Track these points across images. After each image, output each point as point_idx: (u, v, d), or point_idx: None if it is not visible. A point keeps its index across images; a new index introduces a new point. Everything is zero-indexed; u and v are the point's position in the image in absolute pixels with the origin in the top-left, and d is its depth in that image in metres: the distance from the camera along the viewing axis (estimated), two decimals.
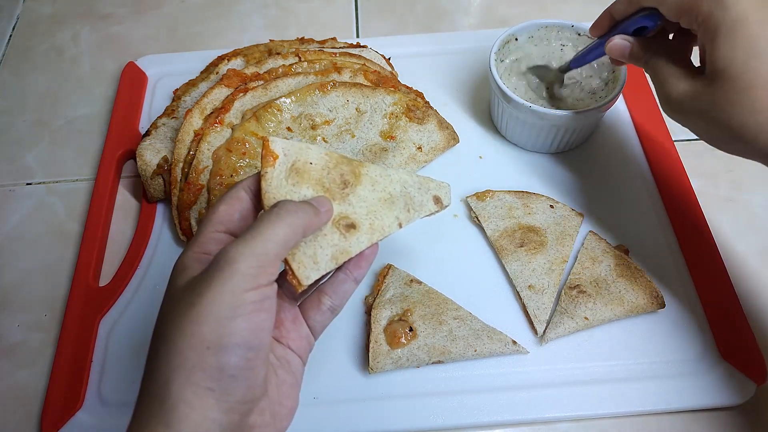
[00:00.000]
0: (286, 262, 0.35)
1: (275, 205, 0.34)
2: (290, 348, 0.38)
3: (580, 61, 0.58)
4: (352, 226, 0.39)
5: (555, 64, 0.64)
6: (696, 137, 0.46)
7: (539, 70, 0.63)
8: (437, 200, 0.44)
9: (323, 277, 0.38)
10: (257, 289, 0.31)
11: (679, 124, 0.46)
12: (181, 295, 0.32)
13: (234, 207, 0.36)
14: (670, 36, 0.48)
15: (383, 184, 0.42)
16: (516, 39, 0.65)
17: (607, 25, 0.51)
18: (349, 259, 0.38)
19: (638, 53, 0.47)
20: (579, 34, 0.64)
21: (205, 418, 0.30)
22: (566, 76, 0.62)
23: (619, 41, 0.48)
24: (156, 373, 0.31)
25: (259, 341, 0.31)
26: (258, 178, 0.37)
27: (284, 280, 0.37)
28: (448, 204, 0.44)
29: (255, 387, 0.32)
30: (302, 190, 0.38)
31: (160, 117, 0.67)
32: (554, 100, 0.62)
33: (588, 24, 0.64)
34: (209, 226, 0.35)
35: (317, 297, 0.41)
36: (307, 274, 0.35)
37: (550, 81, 0.63)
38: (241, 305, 0.31)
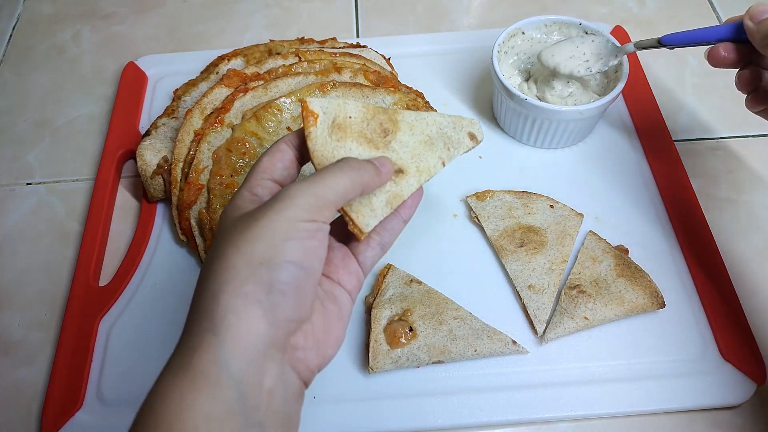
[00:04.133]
0: (345, 213, 0.37)
1: (340, 160, 0.37)
2: (340, 284, 0.39)
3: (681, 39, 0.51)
4: (400, 171, 0.40)
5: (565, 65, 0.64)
6: (696, 137, 0.46)
7: (542, 66, 0.63)
8: (472, 136, 0.45)
9: None
10: (313, 222, 0.33)
11: None
12: (236, 223, 0.34)
13: (276, 158, 0.38)
14: None
15: (420, 127, 0.43)
16: (523, 33, 0.65)
17: None
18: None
19: None
20: (586, 32, 0.64)
21: (251, 328, 0.31)
22: (565, 75, 0.62)
23: None
24: (207, 287, 0.32)
25: (309, 264, 0.33)
26: (301, 134, 0.39)
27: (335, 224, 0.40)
28: (482, 139, 0.45)
29: (301, 307, 0.33)
30: (347, 143, 0.39)
31: (160, 117, 0.67)
32: (554, 97, 0.62)
33: (591, 23, 0.64)
34: (256, 174, 0.37)
35: (367, 236, 0.42)
36: (366, 222, 0.38)
37: (550, 77, 0.63)
38: (295, 230, 0.32)
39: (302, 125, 0.38)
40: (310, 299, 0.34)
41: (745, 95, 0.48)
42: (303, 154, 0.39)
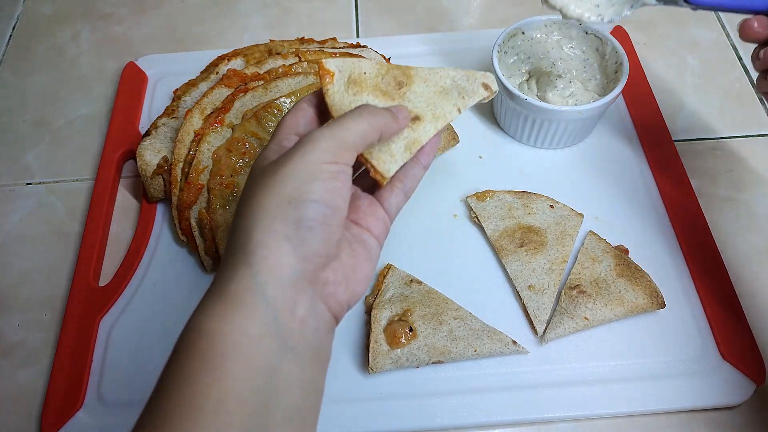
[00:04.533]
0: (367, 161, 0.39)
1: (358, 107, 0.39)
2: (368, 230, 0.41)
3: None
4: (417, 118, 0.42)
5: (558, 62, 0.64)
6: (696, 137, 0.46)
7: (542, 66, 0.63)
8: (486, 87, 0.45)
9: None
10: (335, 163, 0.35)
11: None
12: (265, 169, 0.36)
13: (298, 116, 0.40)
14: None
15: (434, 80, 0.44)
16: (523, 33, 0.65)
17: None
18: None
19: None
20: (586, 33, 0.64)
21: (282, 261, 0.33)
22: (566, 74, 0.62)
23: None
24: (240, 226, 0.35)
25: (334, 203, 0.35)
26: (319, 93, 0.41)
27: (361, 174, 0.43)
28: (497, 90, 0.46)
29: (328, 243, 0.35)
30: (363, 96, 0.41)
31: (160, 117, 0.67)
32: (554, 96, 0.62)
33: (593, 23, 0.64)
34: (281, 130, 0.40)
35: (390, 183, 0.44)
36: (387, 167, 0.40)
37: (551, 77, 0.63)
38: (319, 171, 0.34)
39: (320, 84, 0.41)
40: (336, 236, 0.35)
41: (758, 74, 0.46)
42: (323, 112, 0.41)
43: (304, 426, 0.32)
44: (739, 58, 0.75)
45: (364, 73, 0.42)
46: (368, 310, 0.54)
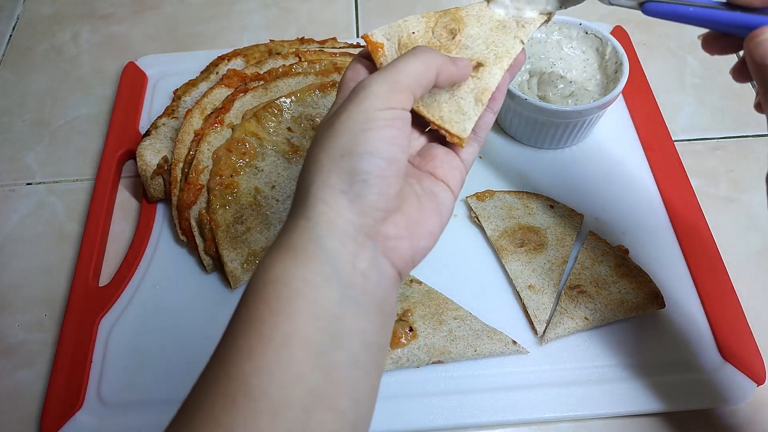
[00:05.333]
0: (439, 127, 0.38)
1: (411, 48, 0.37)
2: (444, 180, 0.39)
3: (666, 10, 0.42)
4: (479, 65, 0.39)
5: (558, 62, 0.64)
6: (696, 137, 0.46)
7: (542, 66, 0.63)
8: (542, 10, 0.42)
9: None
10: (389, 110, 0.33)
11: None
12: (323, 124, 0.35)
13: (357, 68, 0.39)
14: None
15: (487, 15, 0.41)
16: None
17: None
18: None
19: None
20: (586, 33, 0.64)
21: (339, 215, 0.32)
22: (566, 74, 0.62)
23: None
24: (301, 183, 0.34)
25: (390, 153, 0.33)
26: (371, 67, 0.39)
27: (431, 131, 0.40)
28: (554, 10, 0.42)
29: (386, 196, 0.33)
30: None
31: (160, 117, 0.67)
32: (555, 96, 0.62)
33: (591, 24, 0.64)
34: (342, 86, 0.39)
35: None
36: (462, 127, 0.38)
37: (551, 77, 0.63)
38: (372, 120, 0.33)
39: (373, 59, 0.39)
40: (394, 189, 0.34)
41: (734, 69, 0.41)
42: None
43: (367, 377, 0.32)
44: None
45: (413, 33, 0.40)
46: None
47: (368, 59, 0.40)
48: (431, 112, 0.38)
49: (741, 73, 0.41)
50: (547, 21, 0.42)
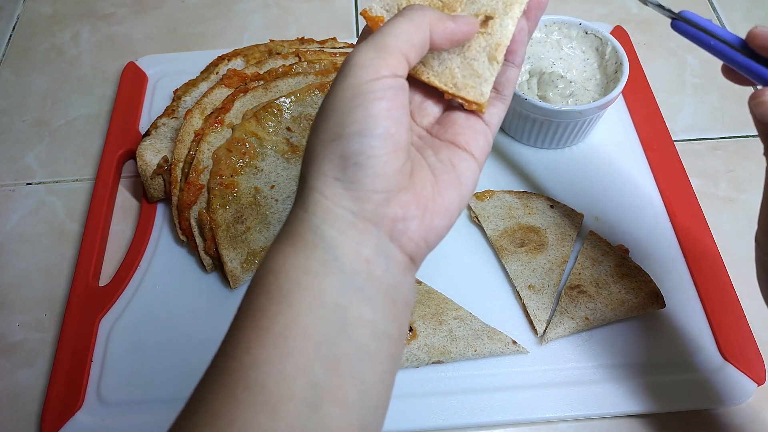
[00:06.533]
0: (454, 95, 0.35)
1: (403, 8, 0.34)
2: (467, 148, 0.36)
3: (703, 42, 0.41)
4: (488, 19, 0.35)
5: (558, 62, 0.64)
6: (696, 137, 0.46)
7: (542, 66, 0.63)
8: None
9: None
10: (378, 80, 0.31)
11: None
12: (319, 108, 0.33)
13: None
14: None
15: None
16: None
17: None
18: None
19: None
20: (586, 33, 0.64)
21: (335, 203, 0.30)
22: (566, 74, 0.62)
23: None
24: (301, 171, 0.33)
25: (382, 129, 0.30)
26: None
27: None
28: None
29: (384, 176, 0.31)
30: None
31: (160, 117, 0.67)
32: (555, 96, 0.62)
33: (591, 24, 0.64)
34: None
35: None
36: (479, 91, 0.34)
37: (551, 77, 0.63)
38: (360, 94, 0.30)
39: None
40: (393, 167, 0.31)
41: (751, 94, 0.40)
42: None
43: (377, 369, 0.30)
44: None
45: None
46: None
47: None
48: (443, 80, 0.35)
49: (729, 73, 0.41)
50: None
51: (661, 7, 0.43)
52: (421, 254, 0.34)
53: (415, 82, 0.35)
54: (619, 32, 0.74)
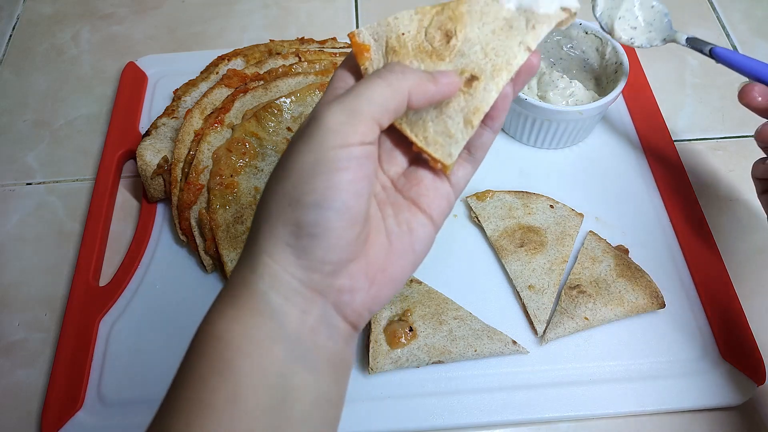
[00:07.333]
0: (420, 149, 0.33)
1: (379, 68, 0.32)
2: (426, 210, 0.34)
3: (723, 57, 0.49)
4: (473, 79, 0.32)
5: (558, 62, 0.64)
6: (696, 137, 0.46)
7: (542, 66, 0.63)
8: (565, 9, 0.34)
9: None
10: (345, 147, 0.29)
11: None
12: (280, 159, 0.32)
13: (337, 86, 0.34)
14: None
15: (493, 11, 0.34)
16: None
17: None
18: None
19: None
20: (586, 33, 0.64)
21: (285, 270, 0.30)
22: (566, 74, 0.62)
23: None
24: (253, 224, 0.32)
25: (341, 203, 0.29)
26: (356, 71, 0.34)
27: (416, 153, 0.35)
28: (576, 11, 0.34)
29: (337, 249, 0.30)
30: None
31: (160, 117, 0.67)
32: (555, 96, 0.62)
33: (591, 24, 0.64)
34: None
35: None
36: (448, 151, 0.32)
37: (551, 77, 0.63)
38: (322, 162, 0.29)
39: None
40: (348, 239, 0.30)
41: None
42: None
43: None
44: None
45: (402, 34, 0.34)
46: None
47: (352, 77, 0.35)
48: (415, 130, 0.33)
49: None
50: (563, 23, 0.34)
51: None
52: (363, 322, 0.33)
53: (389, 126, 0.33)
54: None
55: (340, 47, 0.70)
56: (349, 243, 0.30)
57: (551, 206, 0.60)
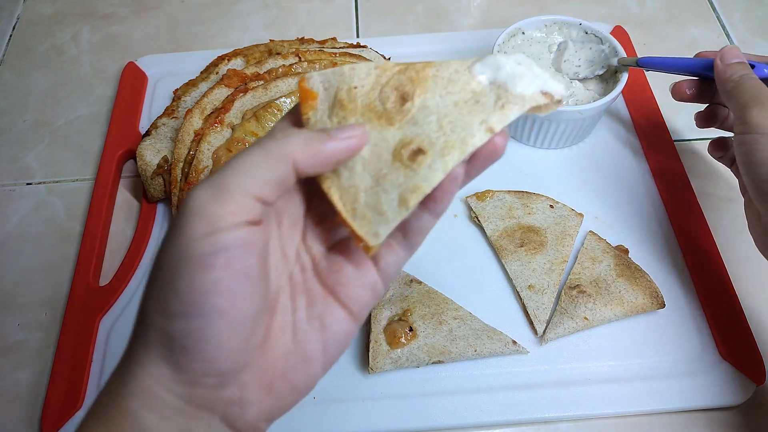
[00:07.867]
0: (343, 221, 0.28)
1: (269, 131, 0.28)
2: (344, 304, 0.30)
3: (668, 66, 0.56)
4: (419, 152, 0.28)
5: (557, 62, 0.64)
6: (696, 137, 0.47)
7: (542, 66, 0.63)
8: (545, 94, 0.29)
9: None
10: (211, 236, 0.24)
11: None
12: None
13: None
14: None
15: (462, 81, 0.29)
16: (523, 32, 0.65)
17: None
18: None
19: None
20: (586, 33, 0.64)
21: (160, 386, 0.25)
22: (566, 74, 0.62)
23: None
24: (135, 321, 0.28)
25: (211, 308, 0.24)
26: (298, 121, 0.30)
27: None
28: (561, 98, 0.29)
29: (221, 360, 0.25)
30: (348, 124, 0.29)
31: (160, 117, 0.67)
32: None
33: (591, 24, 0.64)
34: None
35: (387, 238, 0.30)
36: (374, 231, 0.27)
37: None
38: (184, 259, 0.24)
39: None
40: (234, 347, 0.25)
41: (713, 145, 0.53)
42: None
43: None
44: None
45: (355, 88, 0.29)
46: None
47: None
48: (344, 198, 0.28)
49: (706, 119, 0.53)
50: (542, 109, 0.29)
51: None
52: (263, 430, 0.29)
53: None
54: (619, 32, 0.74)
55: (340, 47, 0.70)
56: (235, 351, 0.26)
57: (551, 206, 0.60)
